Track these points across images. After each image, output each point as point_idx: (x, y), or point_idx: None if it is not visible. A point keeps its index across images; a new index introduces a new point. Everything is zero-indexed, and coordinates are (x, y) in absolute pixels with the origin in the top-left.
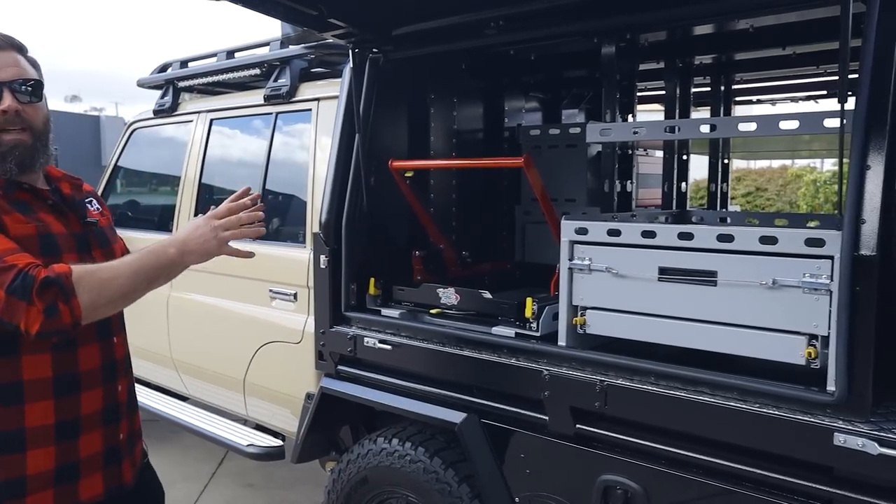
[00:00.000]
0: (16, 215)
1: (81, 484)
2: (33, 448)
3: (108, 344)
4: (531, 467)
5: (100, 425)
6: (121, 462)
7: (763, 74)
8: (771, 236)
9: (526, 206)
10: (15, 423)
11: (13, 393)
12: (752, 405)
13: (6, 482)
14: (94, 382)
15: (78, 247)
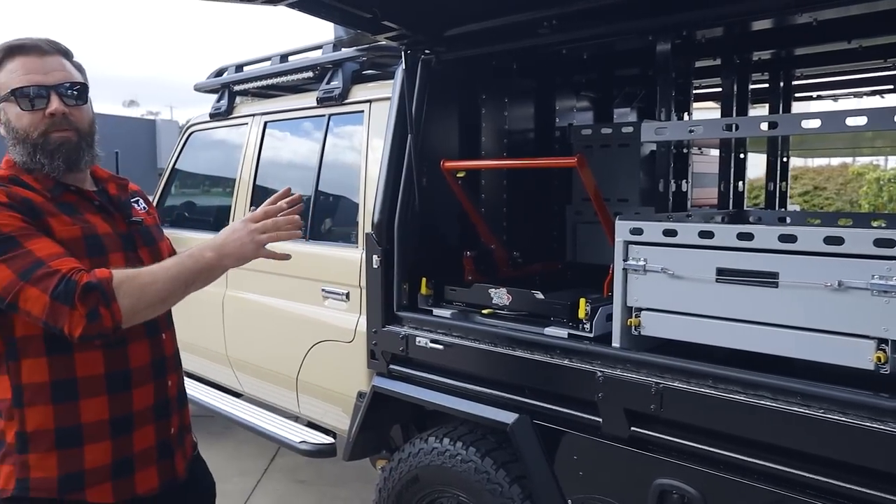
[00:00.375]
0: (62, 217)
1: (137, 477)
2: (90, 443)
3: (157, 341)
4: (584, 469)
5: (152, 420)
6: (173, 455)
7: (825, 69)
8: (837, 236)
9: (577, 205)
10: (72, 420)
11: (68, 390)
12: (815, 410)
13: (66, 476)
14: (144, 378)
15: (124, 246)
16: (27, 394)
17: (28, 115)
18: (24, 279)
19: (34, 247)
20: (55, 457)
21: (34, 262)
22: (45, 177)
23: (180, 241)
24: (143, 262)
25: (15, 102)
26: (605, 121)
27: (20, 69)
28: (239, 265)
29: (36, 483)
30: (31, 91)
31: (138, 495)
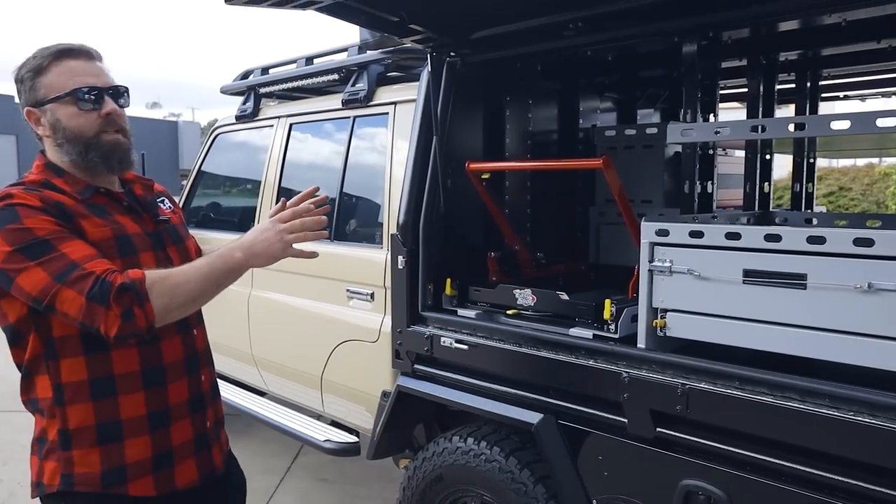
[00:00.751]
0: (93, 219)
1: (177, 470)
2: (130, 438)
3: (189, 336)
4: (609, 469)
5: (188, 414)
6: (210, 448)
7: (853, 69)
8: (867, 238)
9: (600, 207)
10: (112, 416)
11: (107, 387)
12: (845, 413)
13: (109, 470)
14: (178, 374)
15: (153, 245)
16: (67, 392)
17: (83, 116)
18: (60, 281)
19: (68, 249)
20: (97, 452)
21: (69, 265)
22: (76, 180)
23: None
24: (171, 261)
25: (72, 103)
26: (628, 122)
27: (73, 71)
28: (267, 265)
29: (80, 478)
30: (88, 92)
31: (178, 488)
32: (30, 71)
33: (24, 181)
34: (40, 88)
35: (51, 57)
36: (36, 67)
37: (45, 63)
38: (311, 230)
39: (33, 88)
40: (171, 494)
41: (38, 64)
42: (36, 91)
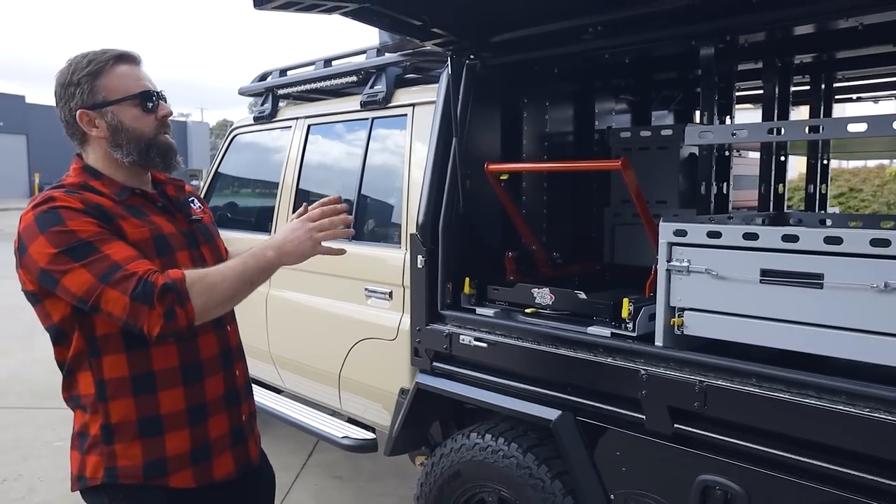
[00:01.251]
0: (132, 220)
1: (215, 463)
2: (170, 431)
3: (223, 332)
4: (627, 465)
5: (224, 408)
6: (246, 441)
7: (867, 72)
8: (883, 239)
9: (615, 207)
10: (152, 410)
11: (147, 382)
12: (861, 409)
13: (150, 463)
14: (214, 369)
15: (188, 244)
16: (110, 388)
17: (145, 118)
18: (104, 282)
19: (110, 251)
20: (139, 445)
21: (112, 266)
22: (112, 182)
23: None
24: (205, 259)
25: (136, 105)
26: (643, 124)
27: (133, 76)
28: (298, 262)
29: (123, 471)
30: (150, 96)
31: (216, 480)
32: (87, 75)
33: (64, 184)
34: (100, 91)
35: (109, 61)
36: (94, 71)
37: (104, 67)
38: (339, 229)
39: (92, 91)
40: (209, 486)
41: (96, 68)
42: (94, 94)
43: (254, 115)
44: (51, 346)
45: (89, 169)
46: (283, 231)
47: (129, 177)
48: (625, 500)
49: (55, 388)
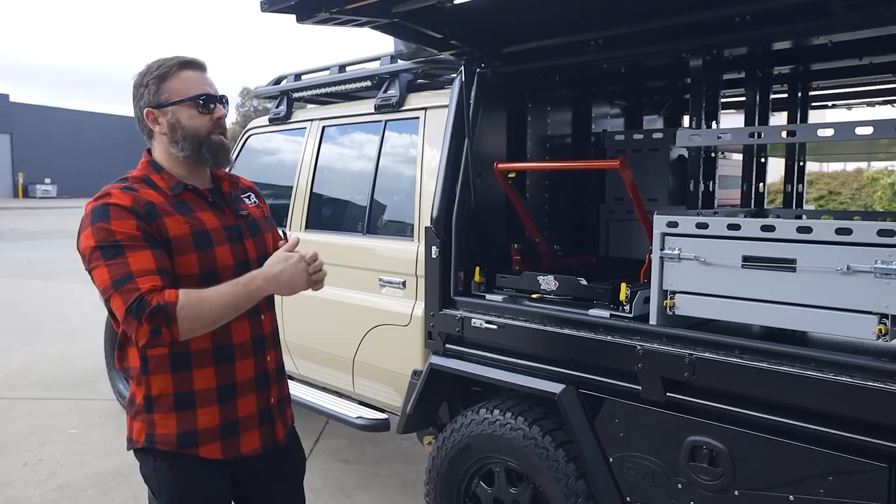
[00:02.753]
0: (176, 217)
1: (242, 439)
2: (201, 407)
3: (257, 321)
4: (624, 431)
5: (253, 390)
6: (274, 422)
7: (839, 82)
8: (846, 228)
9: (610, 205)
10: (186, 386)
11: (184, 361)
12: (828, 374)
13: (183, 433)
14: (245, 353)
15: (229, 238)
16: (151, 363)
17: (200, 118)
18: (115, 287)
19: (132, 259)
20: (174, 417)
21: (126, 274)
22: (170, 176)
23: None
24: (247, 252)
25: (192, 106)
26: (635, 127)
27: (193, 80)
28: (285, 294)
29: (160, 438)
30: (206, 99)
31: (243, 455)
32: (155, 78)
33: (128, 177)
34: (164, 92)
35: (175, 66)
36: (162, 75)
37: (170, 72)
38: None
39: (158, 92)
40: (235, 459)
41: (163, 72)
42: (160, 95)
43: (269, 117)
44: (54, 340)
45: (153, 163)
46: (278, 262)
47: (186, 172)
48: (622, 462)
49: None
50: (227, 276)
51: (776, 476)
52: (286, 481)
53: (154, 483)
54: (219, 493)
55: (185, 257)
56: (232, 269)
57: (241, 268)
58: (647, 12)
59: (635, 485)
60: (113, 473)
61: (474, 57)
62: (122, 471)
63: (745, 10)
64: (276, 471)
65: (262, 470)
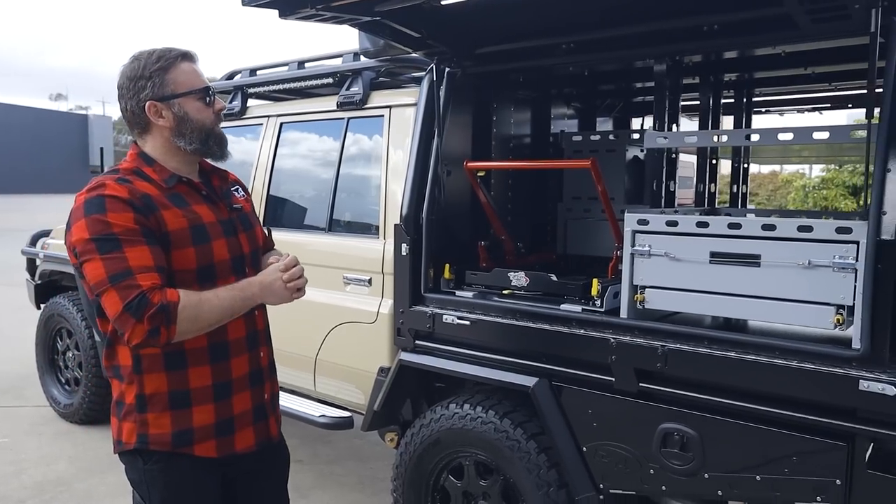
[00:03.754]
0: (174, 210)
1: (237, 437)
2: (197, 405)
3: (251, 317)
4: (598, 421)
5: (248, 387)
6: (267, 419)
7: (780, 89)
8: (807, 225)
9: (567, 203)
10: (182, 385)
11: (179, 359)
12: (791, 361)
13: (178, 432)
14: (240, 350)
15: (225, 232)
16: (145, 362)
17: (206, 110)
18: (112, 283)
19: (130, 254)
20: (168, 416)
21: (125, 270)
22: (163, 169)
23: None
24: (242, 246)
25: (200, 99)
26: (588, 128)
27: (196, 72)
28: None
29: (153, 438)
30: (211, 91)
31: (237, 452)
32: (158, 70)
33: (119, 168)
34: (169, 84)
35: (177, 58)
36: (164, 67)
37: (173, 63)
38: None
39: (162, 84)
40: (230, 457)
41: (166, 64)
42: (164, 87)
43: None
44: None
45: (144, 155)
46: (273, 271)
47: (180, 165)
48: (596, 451)
49: None
50: (223, 271)
51: (744, 458)
52: (272, 480)
53: (144, 487)
54: (211, 492)
55: (183, 251)
56: (228, 263)
57: (236, 262)
58: (620, 18)
59: (608, 472)
60: (53, 482)
61: (446, 56)
62: (62, 479)
63: (715, 20)
64: (265, 469)
65: (251, 468)
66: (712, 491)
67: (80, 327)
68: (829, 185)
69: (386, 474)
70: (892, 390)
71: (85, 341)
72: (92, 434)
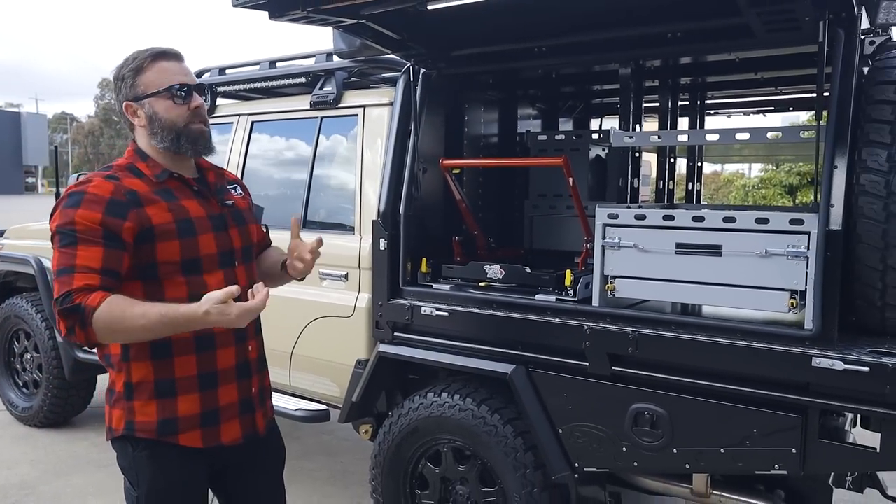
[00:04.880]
0: (160, 204)
1: (222, 428)
2: (182, 394)
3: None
4: (572, 404)
5: (234, 379)
6: (254, 412)
7: (731, 93)
8: (764, 217)
9: (533, 200)
10: (167, 374)
11: (164, 348)
12: (751, 342)
13: (163, 421)
14: (227, 342)
15: (214, 227)
16: (132, 350)
17: (177, 108)
18: (57, 275)
19: (81, 253)
20: (154, 404)
21: (69, 266)
22: (156, 164)
23: None
24: (232, 241)
25: (168, 98)
26: (551, 128)
27: (168, 71)
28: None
29: (139, 425)
30: (180, 89)
31: (223, 444)
32: (131, 71)
33: (113, 165)
34: (139, 85)
35: (148, 58)
36: (136, 68)
37: (144, 64)
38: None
39: (133, 85)
40: (215, 448)
41: (137, 65)
42: (136, 88)
43: None
44: None
45: (139, 151)
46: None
47: (171, 162)
48: (571, 432)
49: None
50: (210, 265)
51: (709, 433)
52: (266, 474)
53: (133, 473)
54: (197, 481)
55: (168, 244)
56: (215, 257)
57: (224, 256)
58: (592, 24)
59: (583, 451)
60: (17, 486)
61: (422, 58)
62: (26, 482)
63: (679, 28)
64: (257, 463)
65: (241, 461)
66: (680, 465)
67: (40, 328)
68: (767, 185)
69: (356, 468)
70: (841, 365)
71: (45, 342)
72: (53, 437)
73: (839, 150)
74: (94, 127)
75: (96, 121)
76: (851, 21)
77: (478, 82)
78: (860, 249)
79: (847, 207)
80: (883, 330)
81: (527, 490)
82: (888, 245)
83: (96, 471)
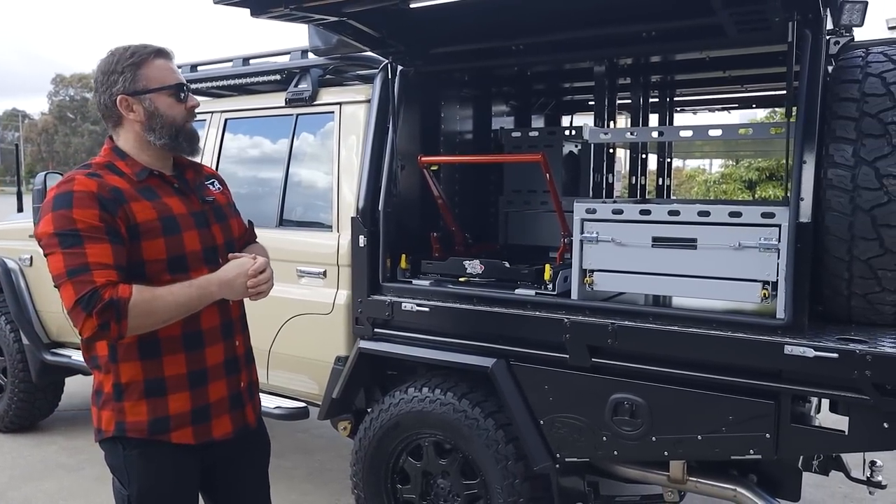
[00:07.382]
0: (143, 202)
1: (213, 424)
2: (173, 393)
3: (225, 305)
4: (553, 395)
5: (223, 375)
6: (244, 407)
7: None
8: (737, 211)
9: (508, 196)
10: (157, 373)
11: (154, 348)
12: (726, 331)
13: (155, 420)
14: (215, 338)
15: (197, 224)
16: (120, 351)
17: (178, 106)
18: (69, 277)
19: (90, 250)
20: (145, 404)
21: (81, 266)
22: (135, 163)
23: None
24: (215, 238)
25: (171, 95)
26: (523, 125)
27: (170, 68)
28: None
29: (130, 425)
30: (184, 88)
31: (215, 439)
32: (130, 65)
33: (91, 163)
34: (141, 80)
35: (150, 55)
36: (137, 62)
37: (146, 59)
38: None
39: (134, 79)
40: (208, 444)
41: (139, 59)
42: (136, 82)
43: None
44: None
45: (117, 150)
46: (234, 268)
47: (152, 159)
48: (552, 423)
49: None
50: (195, 262)
51: (687, 421)
52: (253, 468)
53: (123, 473)
54: (189, 479)
55: (153, 242)
56: (200, 254)
57: (208, 253)
58: (569, 23)
59: (564, 442)
60: None
61: (400, 55)
62: None
63: (654, 27)
64: (245, 457)
65: (230, 455)
66: (659, 452)
67: (4, 332)
68: (727, 180)
69: (333, 465)
70: (812, 352)
71: (10, 345)
72: (21, 442)
73: (808, 145)
74: (48, 124)
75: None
76: (818, 22)
77: (454, 80)
78: (828, 241)
79: (816, 201)
80: (849, 318)
81: (508, 482)
82: (854, 237)
83: (66, 475)
